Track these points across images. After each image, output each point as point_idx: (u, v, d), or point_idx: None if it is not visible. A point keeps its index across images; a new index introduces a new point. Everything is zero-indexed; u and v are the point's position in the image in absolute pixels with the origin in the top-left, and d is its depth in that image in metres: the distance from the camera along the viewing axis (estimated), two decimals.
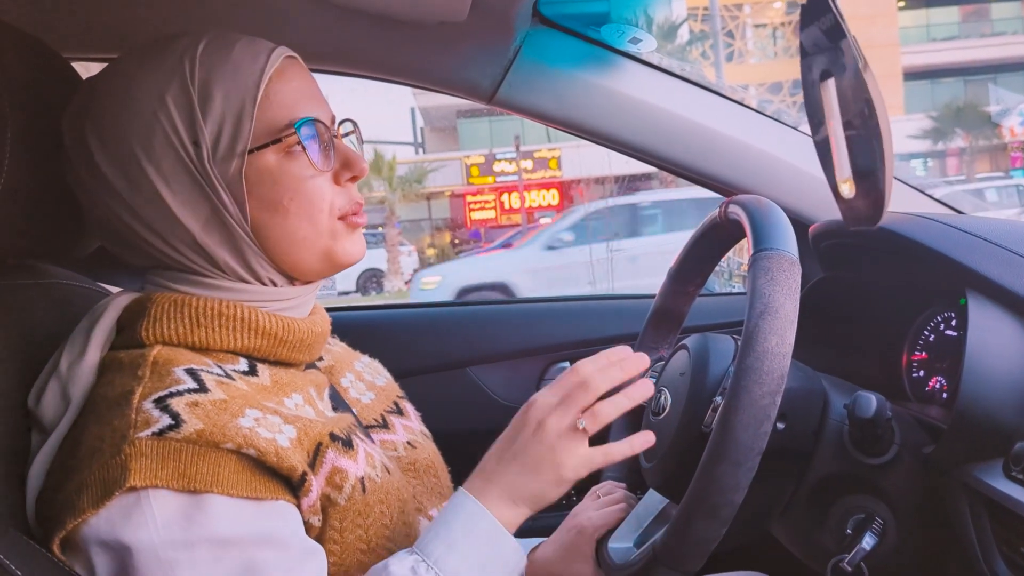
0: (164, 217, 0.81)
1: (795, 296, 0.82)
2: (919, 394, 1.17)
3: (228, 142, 0.80)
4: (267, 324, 0.85)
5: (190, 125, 0.80)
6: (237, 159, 0.81)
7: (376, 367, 1.11)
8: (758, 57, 27.94)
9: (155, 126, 0.79)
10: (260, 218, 0.83)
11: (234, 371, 0.82)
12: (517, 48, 1.34)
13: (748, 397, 0.78)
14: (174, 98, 0.80)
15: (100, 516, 0.71)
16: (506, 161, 24.66)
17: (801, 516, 1.01)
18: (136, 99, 0.80)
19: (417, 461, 1.00)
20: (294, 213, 0.84)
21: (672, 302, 1.23)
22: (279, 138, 0.82)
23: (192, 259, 0.83)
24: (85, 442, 0.74)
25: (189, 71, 0.80)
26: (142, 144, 0.80)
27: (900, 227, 1.07)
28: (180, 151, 0.80)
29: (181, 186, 0.80)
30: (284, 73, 0.84)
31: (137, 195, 0.81)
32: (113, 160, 0.80)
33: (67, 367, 0.81)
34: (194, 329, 0.82)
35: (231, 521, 0.73)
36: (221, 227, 0.82)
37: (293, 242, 0.85)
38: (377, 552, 0.84)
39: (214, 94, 0.80)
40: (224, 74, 0.81)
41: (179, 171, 0.80)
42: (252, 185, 0.82)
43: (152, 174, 0.80)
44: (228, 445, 0.73)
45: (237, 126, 0.80)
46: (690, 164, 1.41)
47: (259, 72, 0.82)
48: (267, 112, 0.82)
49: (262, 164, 0.82)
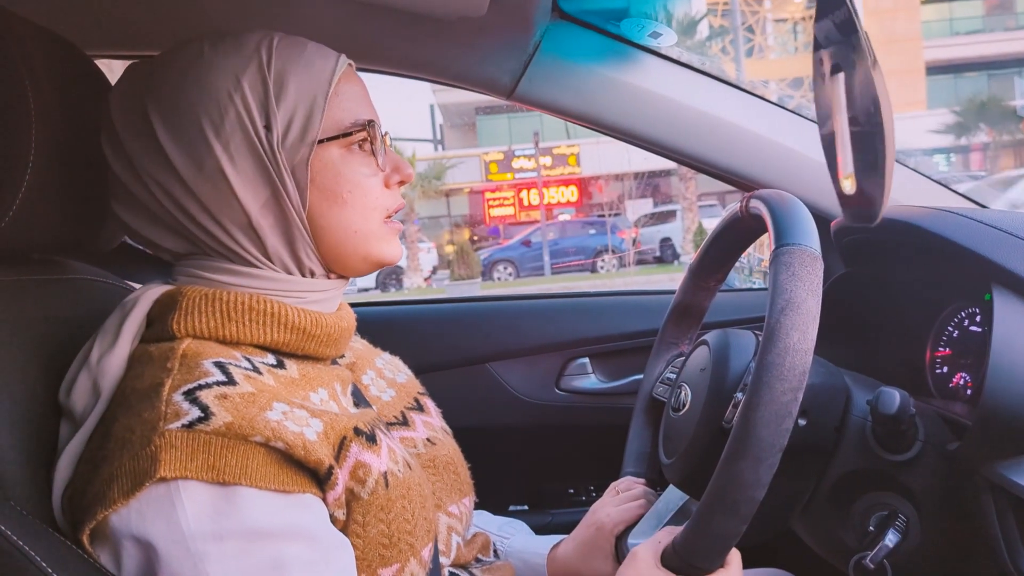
0: (222, 195, 0.83)
1: (817, 292, 0.82)
2: (943, 390, 1.16)
3: (299, 130, 0.83)
4: (296, 319, 0.86)
5: (263, 109, 0.82)
6: (306, 147, 0.84)
7: (397, 364, 1.11)
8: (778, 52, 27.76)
9: (228, 106, 0.82)
10: (318, 207, 0.86)
11: (262, 364, 0.83)
12: (537, 43, 1.34)
13: (769, 393, 0.78)
14: (250, 82, 0.82)
15: (130, 507, 0.72)
16: (525, 158, 24.69)
17: (823, 513, 1.00)
18: (209, 79, 0.82)
19: (437, 458, 1.01)
20: (351, 205, 0.87)
21: (692, 297, 1.22)
22: (349, 132, 0.86)
23: (239, 241, 0.84)
24: (115, 434, 0.75)
25: (266, 59, 0.83)
26: (212, 122, 0.82)
27: (924, 221, 1.06)
28: (251, 132, 0.82)
29: (245, 166, 0.82)
30: (349, 77, 0.89)
31: (198, 172, 0.82)
32: (178, 135, 0.82)
33: (97, 359, 0.81)
34: (225, 323, 0.83)
35: (260, 513, 0.74)
36: (278, 211, 0.85)
37: (346, 235, 0.87)
38: (399, 547, 0.84)
39: (288, 84, 0.83)
40: (299, 67, 0.84)
41: (246, 151, 0.82)
42: (315, 174, 0.85)
43: (219, 151, 0.82)
44: (257, 438, 0.74)
45: (309, 116, 0.84)
46: (711, 159, 1.40)
47: (331, 71, 0.86)
48: (334, 109, 0.86)
49: (327, 156, 0.85)
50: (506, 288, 18.60)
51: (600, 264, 19.29)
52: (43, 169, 0.84)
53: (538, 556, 1.14)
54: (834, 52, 1.07)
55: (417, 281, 19.26)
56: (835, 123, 1.11)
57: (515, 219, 25.61)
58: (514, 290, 16.90)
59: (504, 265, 20.27)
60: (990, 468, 0.88)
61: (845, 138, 1.09)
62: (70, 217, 0.90)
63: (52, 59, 0.88)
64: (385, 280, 19.45)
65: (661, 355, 1.26)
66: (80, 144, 0.89)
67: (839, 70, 1.07)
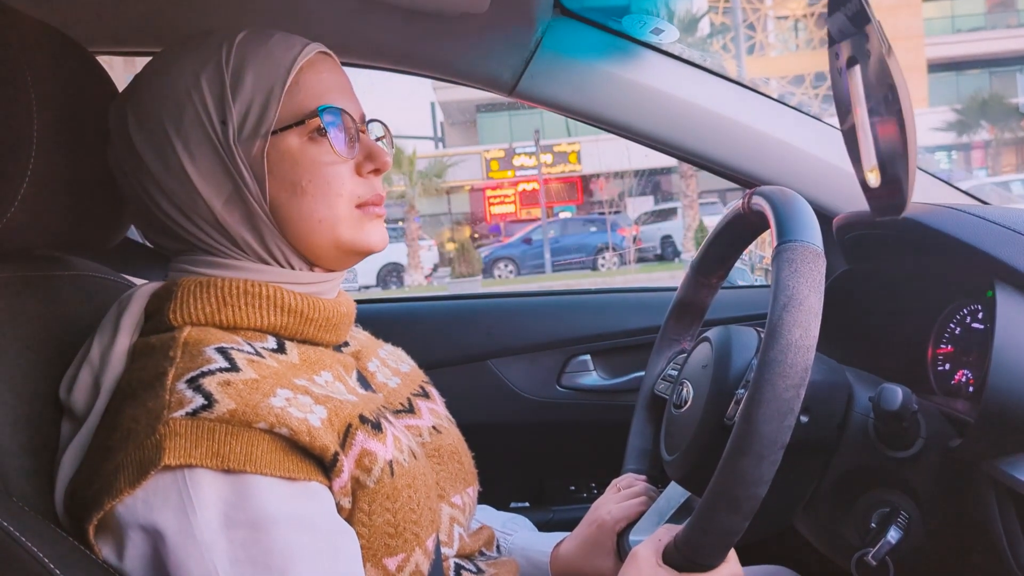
0: (187, 193, 0.84)
1: (819, 288, 0.81)
2: (944, 387, 1.15)
3: (254, 123, 0.83)
4: (292, 302, 0.86)
5: (219, 104, 0.83)
6: (260, 139, 0.84)
7: (400, 354, 1.12)
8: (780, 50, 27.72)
9: (187, 104, 0.83)
10: (279, 198, 0.85)
11: (263, 348, 0.83)
12: (538, 40, 1.34)
13: (772, 390, 0.78)
14: (208, 79, 0.83)
15: (136, 496, 0.72)
16: (525, 155, 24.67)
17: (825, 510, 1.00)
18: (172, 79, 0.84)
19: (441, 447, 1.00)
20: (311, 195, 0.86)
21: (694, 294, 1.22)
22: (302, 120, 0.85)
23: (214, 238, 0.86)
24: (121, 425, 0.75)
25: (226, 55, 0.84)
26: (173, 121, 0.83)
27: (926, 218, 1.06)
28: (208, 128, 0.83)
29: (205, 162, 0.83)
30: (316, 65, 0.88)
31: (165, 171, 0.84)
32: (147, 138, 0.84)
33: (98, 355, 0.82)
34: (221, 308, 0.83)
35: (266, 501, 0.74)
36: (241, 205, 0.85)
37: (310, 224, 0.86)
38: (404, 536, 0.84)
39: (245, 77, 0.83)
40: (257, 60, 0.84)
41: (205, 148, 0.83)
42: (273, 165, 0.85)
43: (180, 149, 0.83)
44: (261, 425, 0.74)
45: (264, 108, 0.84)
46: (713, 155, 1.40)
47: (291, 60, 0.85)
48: (295, 98, 0.85)
49: (284, 146, 0.85)
50: (507, 286, 18.61)
51: (601, 262, 19.29)
52: (44, 166, 0.84)
53: (541, 554, 1.14)
54: (849, 45, 1.06)
55: (418, 279, 19.26)
56: (856, 116, 1.10)
57: (516, 216, 25.60)
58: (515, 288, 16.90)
59: (505, 263, 20.27)
60: (992, 465, 0.88)
61: (867, 130, 1.09)
62: (71, 214, 0.90)
63: (54, 56, 0.88)
64: (386, 277, 19.46)
65: (663, 352, 1.26)
66: (82, 141, 0.89)
67: (855, 62, 1.07)
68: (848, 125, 1.13)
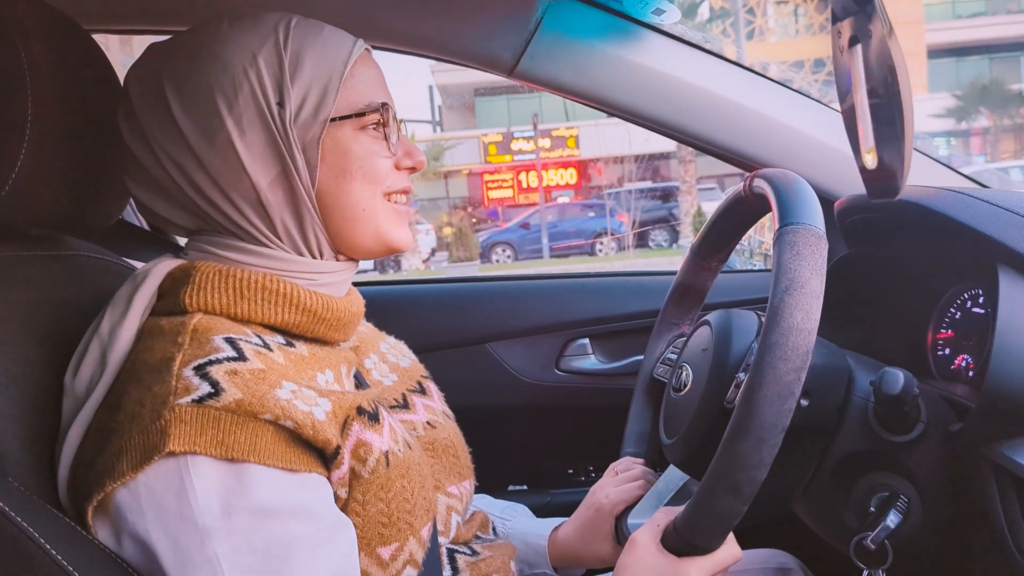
0: (232, 169, 0.83)
1: (821, 271, 0.81)
2: (944, 372, 1.15)
3: (312, 108, 0.84)
4: (308, 301, 0.86)
5: (277, 86, 0.83)
6: (318, 125, 0.85)
7: (401, 349, 1.11)
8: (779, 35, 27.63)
9: (243, 81, 0.82)
10: (326, 185, 0.86)
11: (272, 341, 0.83)
12: (538, 20, 1.33)
13: (773, 373, 0.78)
14: (266, 59, 0.83)
15: (139, 480, 0.72)
16: (524, 140, 24.61)
17: (824, 494, 1.00)
18: (226, 54, 0.83)
19: (436, 441, 1.01)
20: (359, 183, 0.87)
21: (694, 278, 1.22)
22: (362, 112, 0.87)
23: (249, 218, 0.85)
24: (125, 407, 0.75)
25: (283, 38, 0.84)
26: (226, 96, 0.82)
27: (928, 200, 1.05)
28: (264, 108, 0.83)
29: (256, 141, 0.83)
30: (365, 61, 0.90)
31: (209, 145, 0.83)
32: (191, 109, 0.83)
33: (108, 330, 0.82)
34: (237, 301, 0.83)
35: (268, 491, 0.74)
36: (287, 188, 0.85)
37: (354, 214, 0.88)
38: (397, 525, 0.84)
39: (304, 62, 0.84)
40: (315, 48, 0.85)
41: (258, 127, 0.83)
42: (325, 152, 0.86)
43: (230, 125, 0.82)
44: (266, 416, 0.74)
45: (323, 95, 0.85)
46: (714, 138, 1.39)
47: (348, 52, 0.87)
48: (349, 90, 0.87)
49: (339, 135, 0.86)
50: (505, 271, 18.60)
51: (599, 247, 19.28)
52: (39, 144, 0.83)
53: (540, 538, 1.15)
54: (852, 23, 1.06)
55: (415, 263, 19.25)
56: (855, 97, 1.10)
57: (514, 201, 25.57)
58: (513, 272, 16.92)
59: (503, 248, 20.25)
60: (993, 449, 0.88)
61: (865, 111, 1.08)
62: (67, 193, 0.89)
63: (49, 33, 0.87)
64: (383, 261, 19.43)
65: (662, 336, 1.26)
66: (77, 119, 0.88)
67: (857, 42, 1.06)
68: (847, 106, 1.12)
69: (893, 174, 1.06)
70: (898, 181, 1.06)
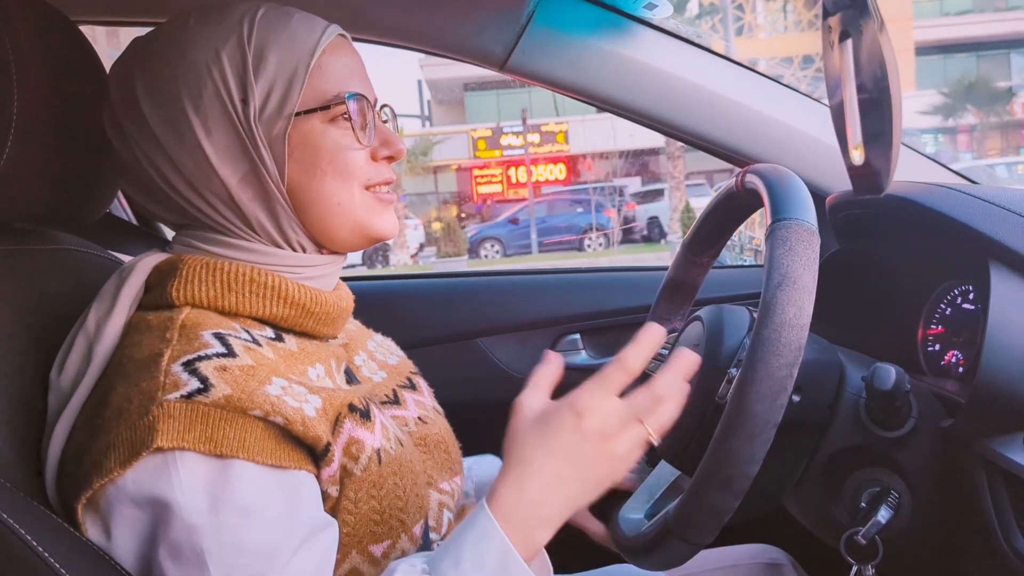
0: (202, 168, 0.82)
1: (814, 267, 0.81)
2: (934, 368, 1.16)
3: (277, 103, 0.82)
4: (296, 294, 0.85)
5: (241, 82, 0.82)
6: (283, 120, 0.83)
7: (389, 346, 1.11)
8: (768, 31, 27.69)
9: (206, 79, 0.81)
10: (297, 180, 0.85)
11: (261, 336, 0.83)
12: (530, 14, 1.32)
13: (765, 369, 0.77)
14: (229, 55, 0.82)
15: (127, 477, 0.71)
16: (513, 135, 24.60)
17: (815, 489, 1.00)
18: (191, 52, 0.82)
19: (428, 436, 1.00)
20: (331, 177, 0.85)
21: (685, 273, 1.22)
22: (328, 105, 0.84)
23: (224, 215, 0.84)
24: (112, 403, 0.75)
25: (247, 32, 0.82)
26: (191, 95, 0.81)
27: (919, 196, 1.06)
28: (228, 105, 0.81)
29: (223, 139, 0.82)
30: (337, 48, 0.87)
31: (179, 145, 0.82)
32: (160, 109, 0.82)
33: (95, 325, 0.81)
34: (225, 293, 0.82)
35: (255, 488, 0.73)
36: (257, 184, 0.84)
37: (328, 208, 0.86)
38: (390, 523, 0.84)
39: (269, 56, 0.82)
40: (280, 39, 0.83)
41: (223, 125, 0.82)
42: (293, 147, 0.84)
43: (197, 125, 0.81)
44: (256, 412, 0.73)
45: (288, 89, 0.83)
46: (705, 134, 1.39)
47: (315, 42, 0.84)
48: (317, 81, 0.84)
49: (306, 128, 0.84)
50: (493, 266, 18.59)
51: (587, 242, 19.31)
52: (25, 136, 0.82)
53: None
54: (842, 18, 1.06)
55: (403, 258, 19.22)
56: (844, 92, 1.10)
57: (503, 196, 25.56)
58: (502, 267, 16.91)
59: (491, 243, 20.26)
60: (983, 445, 0.89)
61: (854, 107, 1.08)
62: (53, 186, 0.89)
63: (35, 24, 0.86)
64: (371, 256, 19.40)
65: None
66: (64, 111, 0.87)
67: (847, 36, 1.06)
68: (836, 101, 1.13)
69: (879, 170, 1.06)
70: (884, 178, 1.06)
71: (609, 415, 0.76)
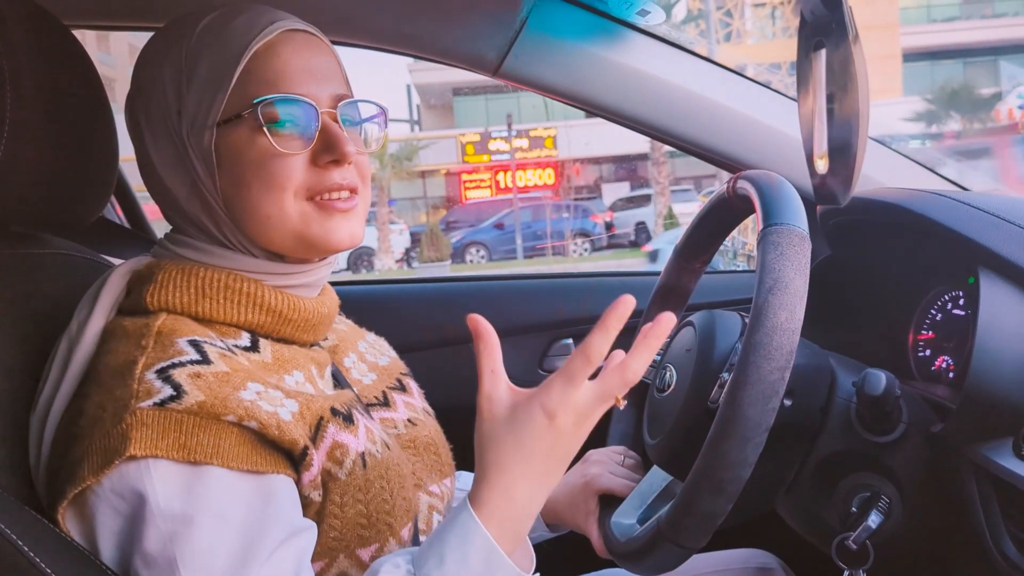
0: (158, 182, 0.84)
1: (805, 272, 0.82)
2: (925, 373, 1.16)
3: (204, 113, 0.81)
4: (272, 301, 0.84)
5: (177, 94, 0.81)
6: (208, 131, 0.81)
7: (381, 346, 1.10)
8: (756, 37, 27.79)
9: (152, 93, 0.82)
10: (228, 192, 0.83)
11: (236, 346, 0.82)
12: (523, 19, 1.33)
13: (757, 372, 0.78)
14: (170, 67, 0.82)
15: (103, 485, 0.71)
16: (502, 139, 24.58)
17: (806, 494, 1.00)
18: (148, 65, 0.83)
19: (417, 438, 1.00)
20: (256, 189, 0.81)
21: (677, 279, 1.22)
22: (240, 114, 0.80)
23: (186, 226, 0.86)
24: (87, 411, 0.74)
25: (188, 42, 0.81)
26: (145, 109, 0.83)
27: (910, 203, 1.06)
28: (168, 119, 0.81)
29: (166, 153, 0.83)
30: (276, 47, 0.82)
31: (144, 159, 0.84)
32: (130, 124, 0.85)
33: (76, 329, 0.81)
34: (200, 300, 0.81)
35: (230, 494, 0.73)
36: (201, 196, 0.83)
37: (260, 220, 0.82)
38: (377, 527, 0.84)
39: (200, 65, 0.81)
40: (212, 47, 0.81)
41: (164, 138, 0.82)
42: (221, 158, 0.82)
43: (147, 139, 0.83)
44: (230, 417, 0.73)
45: (212, 98, 0.80)
46: (698, 139, 1.39)
47: (245, 45, 0.81)
48: (248, 86, 0.81)
49: (234, 138, 0.81)
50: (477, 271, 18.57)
51: (573, 248, 19.32)
52: (18, 140, 0.82)
53: None
54: (817, 26, 1.06)
55: (388, 263, 19.17)
56: (813, 100, 1.10)
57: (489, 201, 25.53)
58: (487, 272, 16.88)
59: (476, 248, 20.24)
60: (973, 450, 0.89)
61: (822, 116, 1.09)
62: (47, 190, 0.88)
63: (28, 30, 0.86)
64: (357, 262, 19.34)
65: None
66: (57, 115, 0.87)
67: (821, 46, 1.07)
68: (807, 109, 1.13)
69: (841, 182, 1.07)
70: (846, 189, 1.06)
71: (579, 406, 0.74)
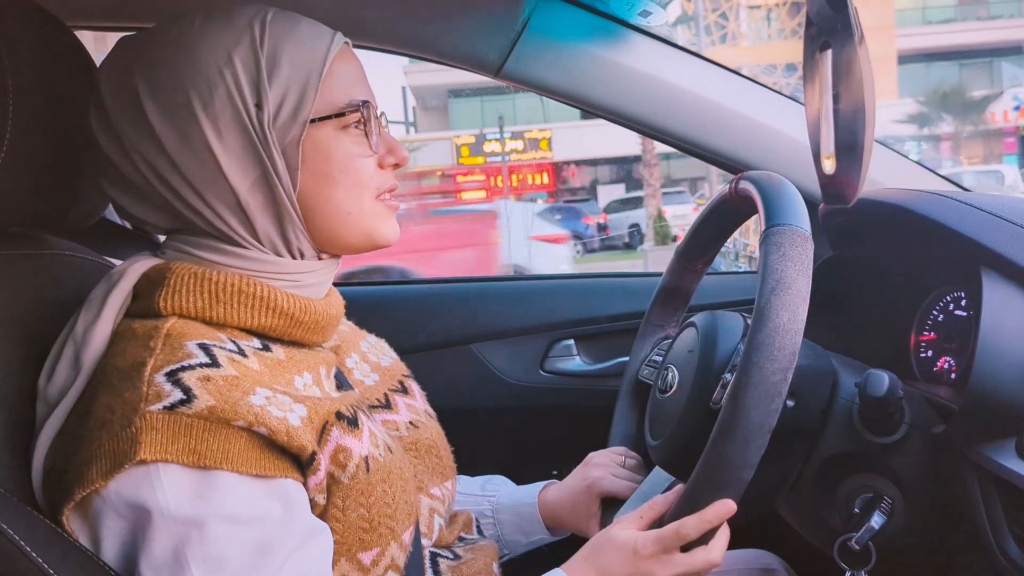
0: (209, 173, 0.81)
1: (808, 272, 0.82)
2: (926, 374, 1.16)
3: (291, 110, 0.81)
4: (285, 304, 0.84)
5: (255, 87, 0.80)
6: (298, 127, 0.82)
7: (382, 347, 1.10)
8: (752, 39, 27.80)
9: (218, 82, 0.80)
10: (309, 188, 0.84)
11: (248, 347, 0.82)
12: (525, 21, 1.33)
13: (759, 373, 0.78)
14: (242, 58, 0.80)
15: (109, 488, 0.71)
16: (496, 141, 24.58)
17: (808, 495, 1.00)
18: (199, 53, 0.80)
19: (419, 441, 1.00)
20: (344, 186, 0.85)
21: (679, 280, 1.22)
22: (342, 112, 0.84)
23: (227, 221, 0.83)
24: (95, 413, 0.74)
25: (259, 35, 0.81)
26: (201, 98, 0.79)
27: (912, 203, 1.06)
28: (241, 110, 0.80)
29: (234, 144, 0.80)
30: (344, 56, 0.87)
31: (185, 148, 0.80)
32: (166, 110, 0.80)
33: (82, 332, 0.80)
34: (212, 305, 0.81)
35: (240, 499, 0.73)
36: (267, 191, 0.83)
37: (338, 217, 0.86)
38: (379, 531, 0.84)
39: (282, 61, 0.81)
40: (292, 45, 0.82)
41: (236, 129, 0.80)
42: (306, 155, 0.83)
43: (207, 128, 0.79)
44: (239, 423, 0.73)
45: (302, 96, 0.82)
46: (699, 140, 1.39)
47: (325, 49, 0.84)
48: (328, 89, 0.84)
49: (319, 136, 0.83)
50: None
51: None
52: (20, 140, 0.82)
53: (530, 506, 1.16)
54: (823, 27, 1.07)
55: None
56: (820, 100, 1.11)
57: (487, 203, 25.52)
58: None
59: None
60: (976, 451, 0.89)
61: (829, 117, 1.10)
62: (48, 191, 0.88)
63: (31, 31, 0.86)
64: None
65: (647, 337, 1.26)
66: (59, 118, 0.87)
67: (828, 46, 1.07)
68: (814, 110, 1.14)
69: (849, 181, 1.07)
70: (854, 188, 1.07)
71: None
